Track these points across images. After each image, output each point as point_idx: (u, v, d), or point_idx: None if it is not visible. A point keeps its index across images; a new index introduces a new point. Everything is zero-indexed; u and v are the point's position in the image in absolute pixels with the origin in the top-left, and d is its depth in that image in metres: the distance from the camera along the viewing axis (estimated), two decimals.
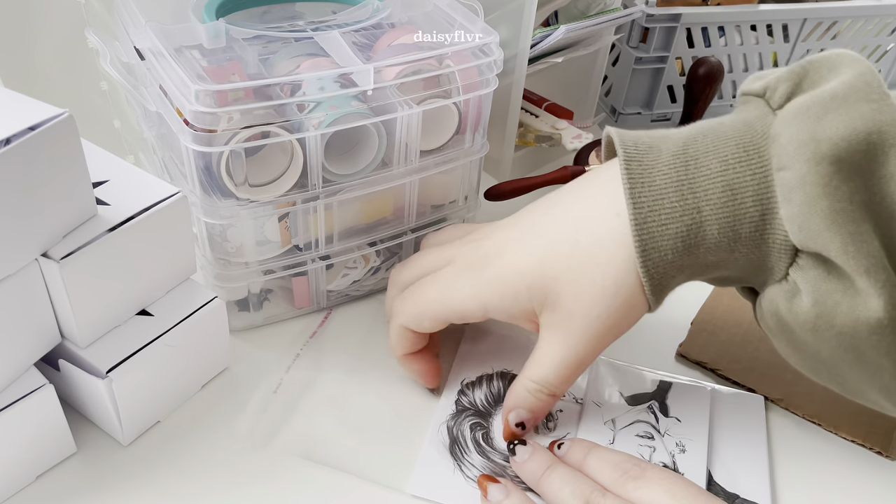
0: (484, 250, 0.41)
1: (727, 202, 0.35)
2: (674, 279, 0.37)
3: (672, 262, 0.36)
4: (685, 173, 0.35)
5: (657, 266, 0.36)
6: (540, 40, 0.57)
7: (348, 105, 0.42)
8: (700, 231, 0.35)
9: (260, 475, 0.40)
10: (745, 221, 0.35)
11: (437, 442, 0.42)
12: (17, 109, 0.34)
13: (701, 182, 0.35)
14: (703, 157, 0.36)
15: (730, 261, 0.36)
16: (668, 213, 0.35)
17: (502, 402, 0.44)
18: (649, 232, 0.35)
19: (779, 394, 0.46)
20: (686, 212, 0.35)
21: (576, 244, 0.38)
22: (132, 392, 0.39)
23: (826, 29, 0.70)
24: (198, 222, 0.44)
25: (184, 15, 0.46)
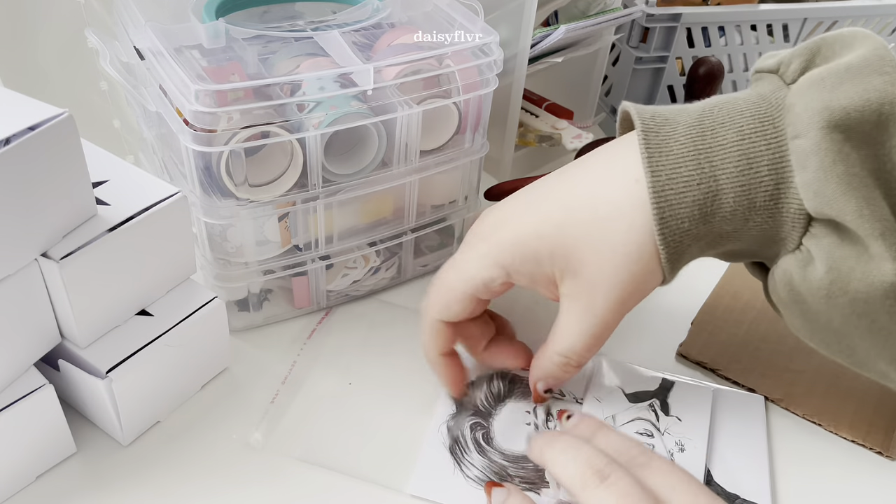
0: (495, 217, 0.41)
1: (743, 171, 0.35)
2: (689, 249, 0.37)
3: (688, 231, 0.36)
4: (702, 143, 0.36)
5: (674, 234, 0.36)
6: (540, 40, 0.57)
7: (348, 105, 0.42)
8: (716, 199, 0.36)
9: (260, 475, 0.40)
10: (760, 190, 0.35)
11: (437, 442, 0.42)
12: (17, 109, 0.34)
13: (717, 151, 0.36)
14: (719, 128, 0.36)
15: (744, 231, 0.37)
16: (685, 181, 0.36)
17: (502, 401, 0.44)
18: (667, 199, 0.36)
19: (779, 394, 0.46)
20: (703, 180, 0.36)
21: (595, 210, 0.38)
22: (132, 392, 0.39)
23: (826, 29, 0.70)
24: (198, 222, 0.44)
25: (184, 15, 0.46)
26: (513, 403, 0.45)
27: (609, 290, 0.38)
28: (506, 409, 0.44)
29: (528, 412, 0.44)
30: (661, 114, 0.38)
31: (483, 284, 0.40)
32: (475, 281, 0.40)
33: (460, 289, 0.40)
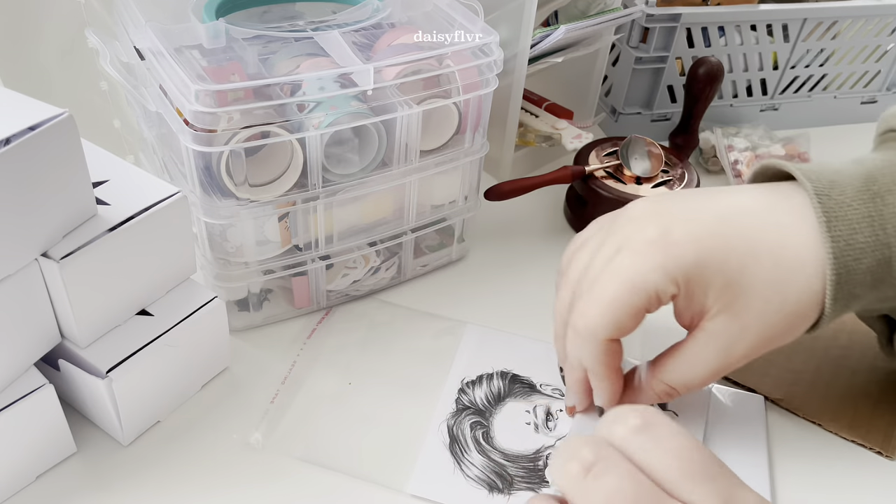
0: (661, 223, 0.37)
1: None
2: (849, 308, 0.37)
3: (857, 297, 0.37)
4: (874, 208, 0.36)
5: (845, 298, 0.36)
6: (540, 40, 0.57)
7: (348, 105, 0.42)
8: (889, 265, 0.36)
9: (259, 475, 0.40)
10: None
11: (436, 441, 0.42)
12: (17, 109, 0.34)
13: (890, 218, 0.36)
14: (887, 195, 0.36)
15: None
16: (861, 248, 0.36)
17: (502, 400, 0.44)
18: (846, 266, 0.36)
19: (779, 394, 0.46)
20: (878, 247, 0.36)
21: (777, 260, 0.36)
22: (132, 392, 0.39)
23: (826, 29, 0.70)
24: (198, 222, 0.44)
25: (184, 15, 0.46)
26: (512, 403, 0.45)
27: (757, 338, 0.37)
28: (505, 408, 0.44)
29: (527, 412, 0.44)
30: (825, 176, 0.37)
31: (656, 296, 0.36)
32: (650, 294, 0.36)
33: (634, 303, 0.36)
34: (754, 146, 0.68)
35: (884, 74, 0.76)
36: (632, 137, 0.59)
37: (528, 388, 0.45)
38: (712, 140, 0.68)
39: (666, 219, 0.37)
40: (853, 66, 0.74)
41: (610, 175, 0.58)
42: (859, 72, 0.75)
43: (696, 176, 0.59)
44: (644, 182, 0.57)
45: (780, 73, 0.73)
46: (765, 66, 0.72)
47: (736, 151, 0.67)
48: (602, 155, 0.60)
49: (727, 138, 0.69)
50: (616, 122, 0.72)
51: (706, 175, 0.69)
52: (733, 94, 0.73)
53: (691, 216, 0.37)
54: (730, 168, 0.66)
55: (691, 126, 0.65)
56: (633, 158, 0.58)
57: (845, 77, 0.75)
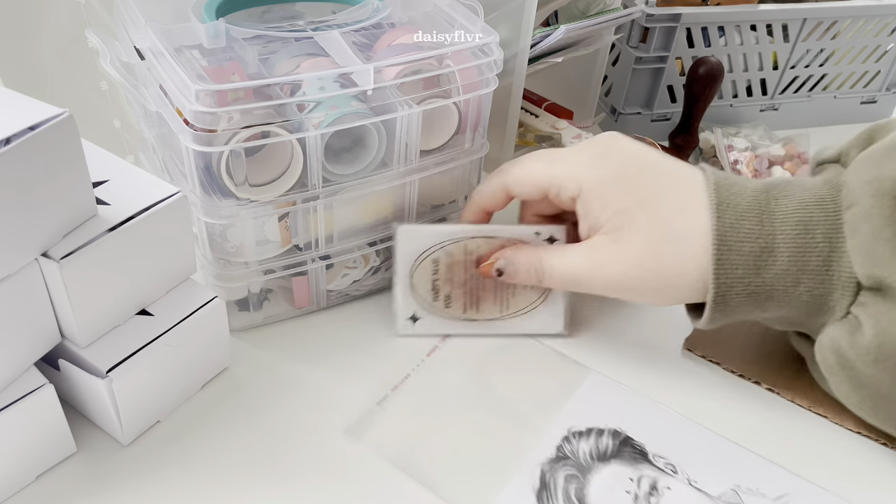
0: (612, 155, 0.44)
1: (800, 234, 0.39)
2: (736, 300, 0.40)
3: (741, 278, 0.40)
4: (766, 206, 0.40)
5: (728, 276, 0.40)
6: (540, 40, 0.57)
7: (348, 105, 0.42)
8: (771, 254, 0.39)
9: (260, 475, 0.40)
10: (814, 254, 0.39)
11: (525, 483, 0.40)
12: (17, 109, 0.34)
13: (778, 215, 0.40)
14: (782, 198, 0.40)
15: (794, 295, 0.40)
16: (745, 233, 0.39)
17: (607, 460, 0.41)
18: (727, 245, 0.39)
19: (784, 385, 0.46)
20: (762, 235, 0.39)
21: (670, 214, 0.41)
22: (132, 392, 0.39)
23: (826, 29, 0.70)
24: (198, 222, 0.44)
25: (184, 15, 0.46)
26: (617, 466, 0.41)
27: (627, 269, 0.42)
28: (608, 469, 0.41)
29: (630, 479, 0.40)
30: (730, 177, 0.42)
31: (558, 187, 0.44)
32: (553, 180, 0.44)
33: (539, 177, 0.44)
34: (754, 146, 0.68)
35: (884, 74, 0.76)
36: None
37: (640, 455, 0.42)
38: (712, 140, 0.68)
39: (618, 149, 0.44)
40: (853, 66, 0.75)
41: None
42: (859, 72, 0.75)
43: None
44: None
45: (779, 73, 0.73)
46: (765, 66, 0.72)
47: (736, 151, 0.67)
48: None
49: (727, 138, 0.69)
50: (616, 122, 0.72)
51: None
52: (733, 94, 0.73)
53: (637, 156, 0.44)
54: (729, 168, 0.66)
55: (691, 126, 0.65)
56: None
57: (845, 77, 0.75)
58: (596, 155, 0.43)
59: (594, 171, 0.43)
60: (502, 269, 0.46)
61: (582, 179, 0.43)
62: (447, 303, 0.48)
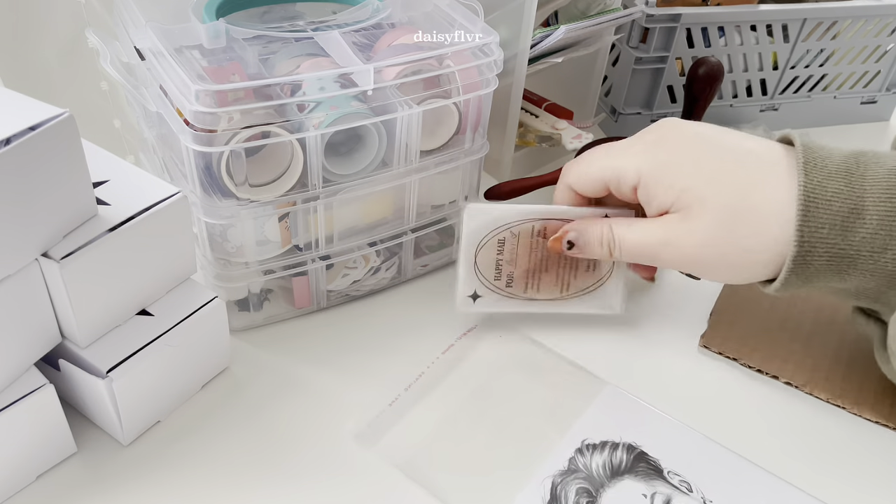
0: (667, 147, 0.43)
1: (891, 197, 0.37)
2: (817, 263, 0.39)
3: (825, 238, 0.38)
4: (855, 169, 0.39)
5: (812, 234, 0.38)
6: (540, 40, 0.57)
7: (348, 105, 0.42)
8: (860, 216, 0.38)
9: (260, 475, 0.40)
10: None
11: (535, 495, 0.39)
12: (17, 109, 0.34)
13: (869, 179, 0.38)
14: (872, 164, 0.39)
15: (879, 263, 0.38)
16: (834, 192, 0.38)
17: (620, 476, 0.40)
18: (814, 201, 0.38)
19: (801, 379, 0.47)
20: (850, 196, 0.38)
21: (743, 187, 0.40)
22: (132, 392, 0.39)
23: (826, 29, 0.70)
24: (198, 222, 0.44)
25: (184, 15, 0.46)
26: (631, 481, 0.40)
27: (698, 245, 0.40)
28: (622, 484, 0.40)
29: (644, 496, 0.39)
30: (818, 142, 0.41)
31: (617, 179, 0.43)
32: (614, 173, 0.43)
33: (597, 173, 0.44)
34: None
35: (884, 74, 0.76)
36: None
37: (654, 471, 0.41)
38: None
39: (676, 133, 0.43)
40: (853, 66, 0.75)
41: None
42: (859, 72, 0.75)
43: None
44: None
45: (779, 73, 0.73)
46: (765, 66, 0.72)
47: None
48: None
49: None
50: (616, 123, 0.72)
51: None
52: (733, 94, 0.73)
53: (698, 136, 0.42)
54: None
55: None
56: None
57: (845, 77, 0.75)
58: (651, 142, 0.43)
59: (651, 156, 0.42)
60: (573, 241, 0.45)
61: (640, 166, 0.42)
62: (509, 282, 0.48)
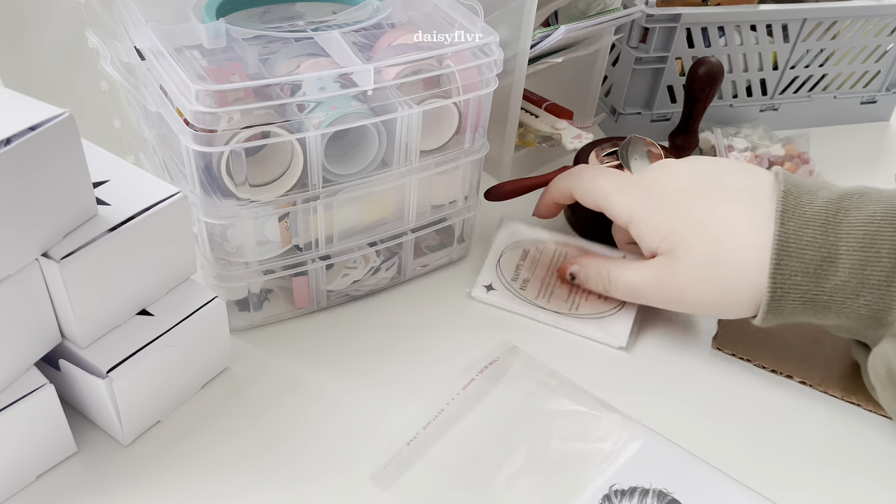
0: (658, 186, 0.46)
1: (864, 247, 0.39)
2: (791, 307, 0.41)
3: (798, 285, 0.40)
4: (833, 217, 0.40)
5: (785, 281, 0.40)
6: (540, 40, 0.57)
7: (348, 105, 0.42)
8: (833, 265, 0.39)
9: (260, 475, 0.40)
10: (876, 268, 0.38)
11: None
12: (17, 109, 0.34)
13: (844, 227, 0.39)
14: (853, 209, 0.40)
15: (853, 308, 0.40)
16: (809, 241, 0.40)
17: None
18: (787, 250, 0.40)
19: (816, 378, 0.47)
20: (825, 245, 0.39)
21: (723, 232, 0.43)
22: (132, 392, 0.39)
23: (826, 29, 0.70)
24: (198, 222, 0.44)
25: (184, 15, 0.46)
26: None
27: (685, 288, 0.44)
28: None
29: None
30: (805, 184, 0.42)
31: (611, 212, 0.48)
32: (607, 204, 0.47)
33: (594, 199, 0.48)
34: (754, 146, 0.68)
35: (884, 74, 0.76)
36: (631, 137, 0.59)
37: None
38: (712, 140, 0.68)
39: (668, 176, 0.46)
40: (853, 66, 0.75)
41: None
42: (859, 72, 0.75)
43: None
44: None
45: (779, 73, 0.73)
46: (765, 66, 0.72)
47: (736, 151, 0.67)
48: (602, 155, 0.60)
49: (727, 138, 0.69)
50: (616, 123, 0.72)
51: None
52: (733, 94, 0.73)
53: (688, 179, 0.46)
54: None
55: (691, 126, 0.65)
56: (632, 158, 0.58)
57: (845, 77, 0.75)
58: (645, 187, 0.46)
59: (642, 201, 0.46)
60: (575, 274, 0.50)
61: (632, 210, 0.46)
62: (523, 285, 0.52)
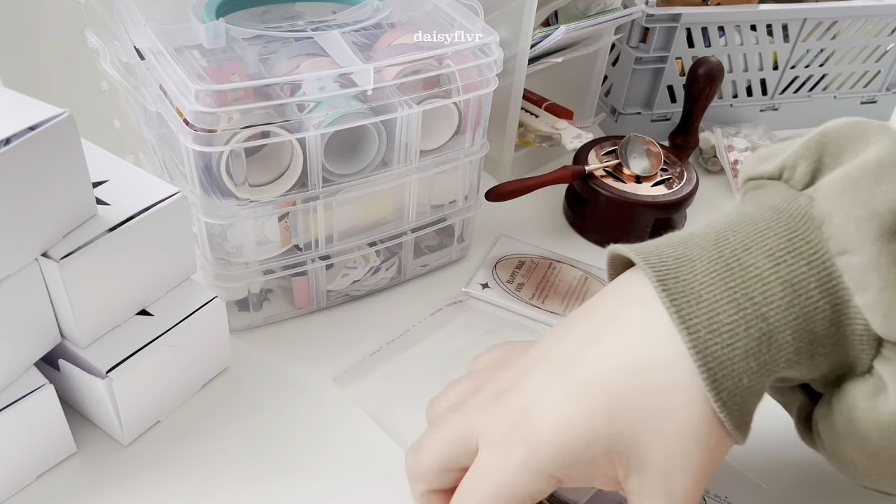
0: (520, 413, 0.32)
1: (792, 301, 0.30)
2: (753, 405, 0.31)
3: (749, 388, 0.30)
4: (731, 278, 0.30)
5: (733, 396, 0.30)
6: (540, 40, 0.57)
7: (348, 105, 0.42)
8: (772, 342, 0.30)
9: (260, 475, 0.40)
10: (817, 317, 0.30)
11: None
12: (17, 109, 0.34)
13: (754, 284, 0.30)
14: (744, 255, 0.31)
15: (811, 368, 0.31)
16: (729, 331, 0.30)
17: None
18: (715, 357, 0.29)
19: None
20: (750, 323, 0.30)
21: (646, 391, 0.30)
22: (132, 392, 0.39)
23: (826, 29, 0.70)
24: (198, 222, 0.44)
25: (184, 15, 0.46)
26: None
27: (686, 476, 0.31)
28: None
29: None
30: (668, 254, 0.32)
31: (529, 497, 0.31)
32: (520, 496, 0.31)
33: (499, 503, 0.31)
34: (754, 146, 0.68)
35: (884, 74, 0.76)
36: (630, 136, 0.59)
37: None
38: (712, 140, 0.68)
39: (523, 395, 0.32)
40: (853, 66, 0.75)
41: (609, 174, 0.58)
42: (859, 72, 0.75)
43: (695, 175, 0.59)
44: (643, 181, 0.57)
45: (780, 73, 0.73)
46: (765, 66, 0.72)
47: (736, 151, 0.67)
48: (601, 154, 0.60)
49: (727, 138, 0.69)
50: (616, 122, 0.72)
51: (706, 175, 0.69)
52: (733, 94, 0.73)
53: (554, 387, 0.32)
54: (729, 168, 0.66)
55: (691, 126, 0.65)
56: (632, 157, 0.58)
57: (845, 77, 0.75)
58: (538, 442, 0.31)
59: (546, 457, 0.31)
60: None
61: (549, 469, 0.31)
62: (518, 288, 0.53)
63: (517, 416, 0.32)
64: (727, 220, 0.32)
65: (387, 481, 0.40)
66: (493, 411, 0.33)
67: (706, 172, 0.69)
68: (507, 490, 0.31)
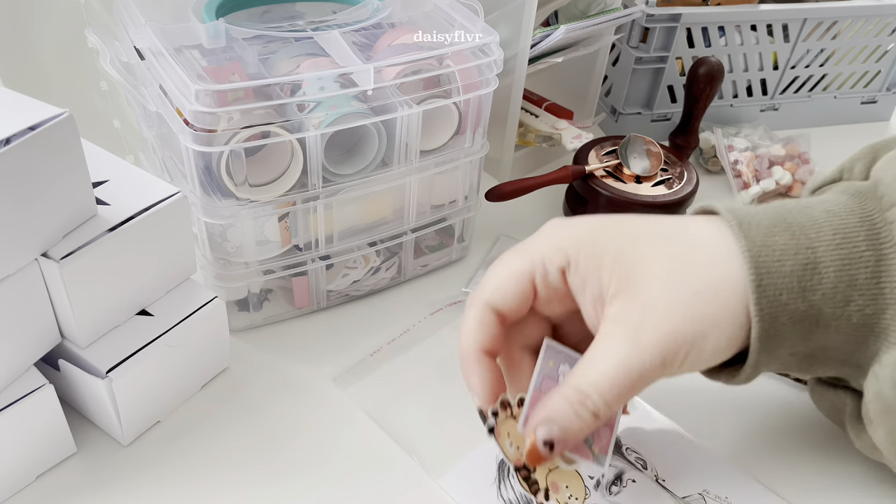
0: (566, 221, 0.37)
1: (840, 244, 0.32)
2: (783, 331, 0.33)
3: (786, 305, 0.32)
4: (791, 217, 0.33)
5: (771, 305, 0.32)
6: (540, 40, 0.57)
7: (348, 105, 0.42)
8: (815, 272, 0.32)
9: (259, 475, 0.40)
10: (860, 265, 0.32)
11: (491, 451, 0.41)
12: (17, 109, 0.34)
13: (808, 225, 0.33)
14: (805, 209, 0.34)
15: (843, 318, 0.33)
16: (781, 249, 0.32)
17: None
18: (765, 265, 0.32)
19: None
20: (800, 250, 0.32)
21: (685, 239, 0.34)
22: (132, 392, 0.39)
23: (826, 29, 0.70)
24: (198, 222, 0.44)
25: (184, 15, 0.46)
26: None
27: (665, 318, 0.32)
28: None
29: None
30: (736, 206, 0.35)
31: (542, 264, 0.34)
32: (534, 259, 0.34)
33: (517, 266, 0.35)
34: (754, 146, 0.68)
35: (884, 74, 0.76)
36: (630, 136, 0.59)
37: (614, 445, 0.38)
38: (712, 140, 0.68)
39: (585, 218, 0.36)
40: (853, 66, 0.75)
41: (609, 174, 0.58)
42: (859, 72, 0.75)
43: (695, 175, 0.59)
44: (644, 181, 0.57)
45: (780, 73, 0.73)
46: (765, 66, 0.72)
47: (736, 151, 0.67)
48: (601, 154, 0.60)
49: (727, 138, 0.69)
50: (616, 122, 0.72)
51: (706, 175, 0.69)
52: (733, 94, 0.73)
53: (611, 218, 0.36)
54: (730, 168, 0.66)
55: (691, 126, 0.65)
56: (632, 157, 0.58)
57: (845, 77, 0.75)
58: (568, 224, 0.36)
59: (576, 230, 0.35)
60: (550, 438, 0.33)
61: (564, 245, 0.34)
62: None
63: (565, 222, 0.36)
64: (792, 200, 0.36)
65: (386, 481, 0.40)
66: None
67: (706, 172, 0.69)
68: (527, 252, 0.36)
